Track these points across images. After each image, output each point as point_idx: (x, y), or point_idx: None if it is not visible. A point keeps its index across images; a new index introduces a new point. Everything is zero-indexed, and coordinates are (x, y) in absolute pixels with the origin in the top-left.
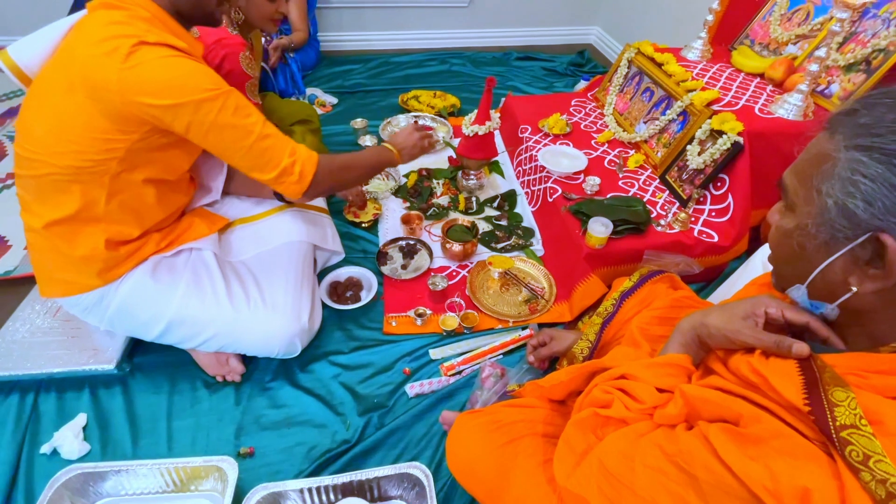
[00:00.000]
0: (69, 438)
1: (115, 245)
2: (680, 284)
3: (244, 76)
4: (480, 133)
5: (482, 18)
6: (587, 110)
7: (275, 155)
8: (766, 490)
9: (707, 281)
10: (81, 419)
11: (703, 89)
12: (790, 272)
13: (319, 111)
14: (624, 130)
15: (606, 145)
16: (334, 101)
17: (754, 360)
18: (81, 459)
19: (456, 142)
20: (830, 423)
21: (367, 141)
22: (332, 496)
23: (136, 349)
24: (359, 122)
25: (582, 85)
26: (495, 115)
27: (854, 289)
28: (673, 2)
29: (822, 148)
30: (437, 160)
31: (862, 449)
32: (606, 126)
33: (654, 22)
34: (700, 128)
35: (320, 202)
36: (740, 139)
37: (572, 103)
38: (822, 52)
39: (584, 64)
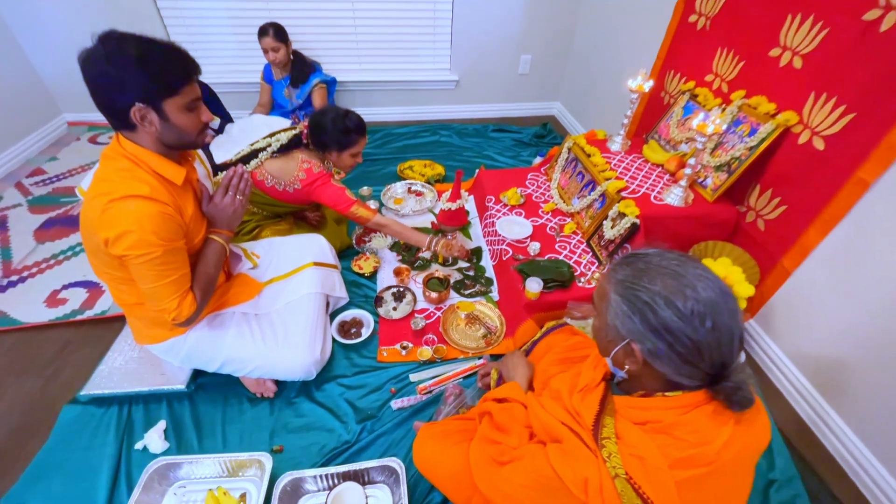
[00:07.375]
0: (154, 438)
1: None
2: (577, 332)
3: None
4: (453, 209)
5: (466, 96)
6: (539, 183)
7: (160, 299)
8: (571, 482)
9: None
10: (162, 424)
11: (617, 178)
12: (602, 348)
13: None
14: (564, 202)
15: (550, 213)
16: None
17: (579, 397)
18: (164, 454)
19: (437, 209)
20: (598, 436)
21: (372, 205)
22: (335, 481)
23: (199, 373)
24: (365, 190)
25: (538, 160)
26: (465, 193)
27: (627, 367)
28: (613, 84)
29: (605, 286)
30: (423, 222)
31: (609, 450)
32: (552, 198)
33: (601, 98)
34: (612, 209)
35: (332, 259)
36: (637, 221)
37: (528, 177)
38: (692, 161)
39: (546, 135)
